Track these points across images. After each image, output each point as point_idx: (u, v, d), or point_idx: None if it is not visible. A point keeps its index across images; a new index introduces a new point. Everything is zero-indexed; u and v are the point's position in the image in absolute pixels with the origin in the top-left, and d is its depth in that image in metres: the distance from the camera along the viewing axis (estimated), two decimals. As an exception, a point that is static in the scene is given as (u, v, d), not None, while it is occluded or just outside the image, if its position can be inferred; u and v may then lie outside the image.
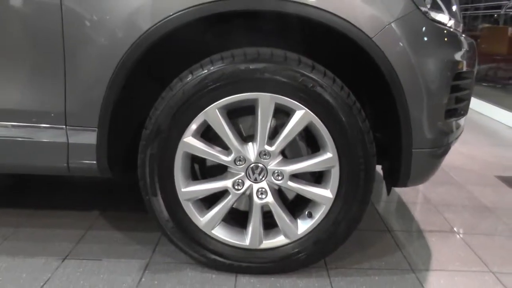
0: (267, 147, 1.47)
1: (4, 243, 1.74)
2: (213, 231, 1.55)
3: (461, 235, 1.99)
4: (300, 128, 1.45)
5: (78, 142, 1.49)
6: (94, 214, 2.01)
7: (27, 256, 1.65)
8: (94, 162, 1.51)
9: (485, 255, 1.82)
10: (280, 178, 1.50)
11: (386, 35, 1.39)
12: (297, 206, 1.62)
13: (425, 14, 1.44)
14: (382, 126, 1.70)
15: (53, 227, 1.87)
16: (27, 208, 2.03)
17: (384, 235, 1.94)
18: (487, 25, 7.40)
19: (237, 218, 1.62)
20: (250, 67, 1.39)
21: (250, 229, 1.55)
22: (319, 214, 1.54)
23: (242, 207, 1.65)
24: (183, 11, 1.35)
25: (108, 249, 1.73)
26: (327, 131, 1.44)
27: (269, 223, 1.57)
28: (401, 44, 1.40)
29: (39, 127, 1.49)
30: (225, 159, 1.49)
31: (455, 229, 2.05)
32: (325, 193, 1.51)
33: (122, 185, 2.31)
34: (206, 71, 1.40)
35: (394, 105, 1.45)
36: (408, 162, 1.51)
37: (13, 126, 1.49)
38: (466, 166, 3.00)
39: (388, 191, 1.79)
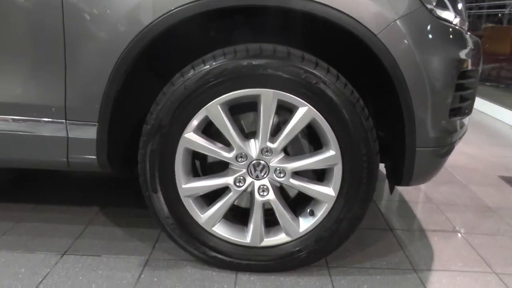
0: (269, 144, 1.46)
1: (4, 237, 1.73)
2: (213, 228, 1.54)
3: (463, 235, 1.97)
4: (303, 125, 1.44)
5: (78, 136, 1.48)
6: (94, 210, 2.00)
7: (26, 251, 1.64)
8: (94, 157, 1.50)
9: (488, 255, 1.80)
10: (282, 175, 1.49)
11: (391, 32, 1.37)
12: (299, 204, 1.61)
13: (430, 11, 1.42)
14: (385, 124, 1.68)
15: (52, 223, 1.86)
16: (26, 203, 2.02)
17: (386, 234, 1.93)
18: (490, 24, 7.37)
19: (238, 215, 1.61)
20: (253, 63, 1.38)
21: (251, 226, 1.53)
22: (321, 212, 1.52)
23: (243, 204, 1.64)
24: (185, 6, 1.34)
25: (108, 245, 1.72)
26: (330, 129, 1.43)
27: (270, 221, 1.55)
28: (406, 42, 1.38)
29: (39, 121, 1.48)
30: (227, 155, 1.47)
31: (457, 228, 2.04)
32: (327, 191, 1.50)
33: (122, 181, 2.30)
34: (208, 66, 1.39)
35: (398, 103, 1.44)
36: (411, 161, 1.50)
37: (13, 120, 1.49)
38: (469, 165, 2.99)
39: (391, 189, 1.78)
